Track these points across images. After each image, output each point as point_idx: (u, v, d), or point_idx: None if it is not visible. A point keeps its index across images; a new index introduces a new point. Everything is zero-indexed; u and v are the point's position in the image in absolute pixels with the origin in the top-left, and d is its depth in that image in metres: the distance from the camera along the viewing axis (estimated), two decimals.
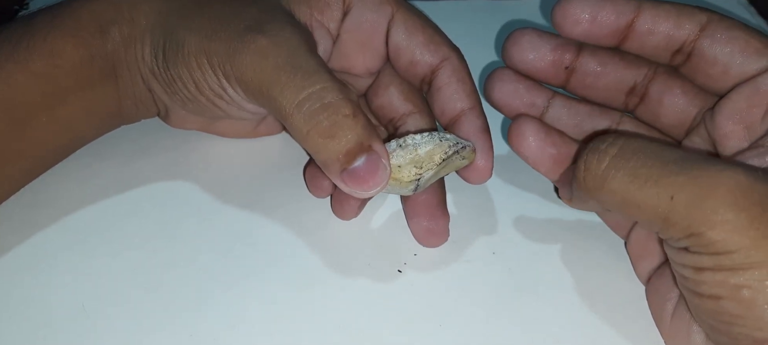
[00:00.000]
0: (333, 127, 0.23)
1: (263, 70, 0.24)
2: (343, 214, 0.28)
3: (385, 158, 0.24)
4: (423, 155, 0.25)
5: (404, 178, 0.25)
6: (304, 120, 0.23)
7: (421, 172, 0.25)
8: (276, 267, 0.26)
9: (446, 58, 0.28)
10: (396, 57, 0.28)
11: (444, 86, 0.28)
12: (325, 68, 0.24)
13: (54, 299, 0.25)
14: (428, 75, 0.28)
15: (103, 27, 0.26)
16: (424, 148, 0.25)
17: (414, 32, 0.28)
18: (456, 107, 0.28)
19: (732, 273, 0.19)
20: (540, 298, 0.26)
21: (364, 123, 0.24)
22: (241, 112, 0.28)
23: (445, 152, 0.25)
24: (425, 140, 0.25)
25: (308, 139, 0.24)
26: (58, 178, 0.29)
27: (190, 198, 0.29)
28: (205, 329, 0.24)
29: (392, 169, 0.24)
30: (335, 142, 0.23)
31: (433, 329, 0.25)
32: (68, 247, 0.27)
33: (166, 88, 0.28)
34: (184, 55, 0.26)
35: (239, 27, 0.25)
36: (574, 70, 0.27)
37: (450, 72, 0.28)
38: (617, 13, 0.25)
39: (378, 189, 0.24)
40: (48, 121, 0.26)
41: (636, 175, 0.20)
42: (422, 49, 0.28)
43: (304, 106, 0.23)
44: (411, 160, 0.25)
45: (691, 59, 0.25)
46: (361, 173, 0.23)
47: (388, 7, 0.28)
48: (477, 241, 0.28)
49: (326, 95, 0.23)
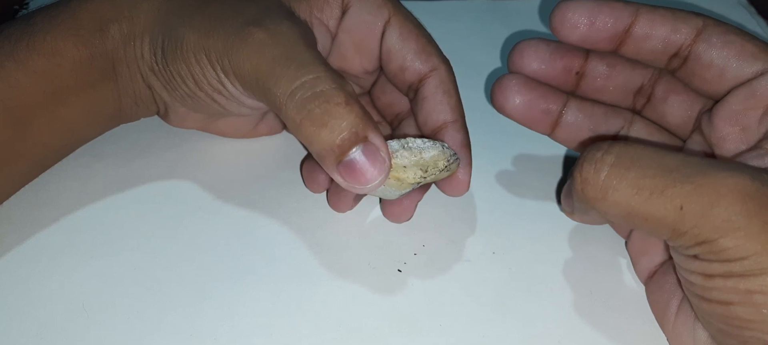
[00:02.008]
0: (324, 116, 0.23)
1: (260, 63, 0.24)
2: (338, 205, 0.28)
3: (383, 150, 0.23)
4: (428, 159, 0.25)
5: (408, 179, 0.25)
6: (297, 109, 0.23)
7: (425, 175, 0.25)
8: (276, 266, 0.26)
9: (435, 68, 0.28)
10: (387, 60, 0.28)
11: (429, 96, 0.28)
12: (320, 60, 0.24)
13: (54, 299, 0.25)
14: (415, 82, 0.28)
15: (102, 25, 0.27)
16: (429, 152, 0.25)
17: (407, 38, 0.28)
18: (439, 119, 0.28)
19: (743, 279, 0.19)
20: (540, 298, 0.26)
21: (358, 112, 0.23)
22: (241, 107, 0.28)
23: (447, 160, 0.25)
24: (428, 146, 0.25)
25: (301, 128, 0.23)
26: (58, 178, 0.29)
27: (190, 198, 0.29)
28: (205, 329, 0.24)
29: (397, 169, 0.24)
30: (327, 130, 0.23)
31: (433, 329, 0.25)
32: (68, 247, 0.27)
33: (165, 85, 0.28)
34: (183, 52, 0.26)
35: (237, 22, 0.25)
36: (584, 74, 0.28)
37: (437, 83, 0.28)
38: (615, 18, 0.25)
39: (377, 183, 0.23)
40: (48, 120, 0.26)
41: (640, 186, 0.20)
42: (413, 56, 0.28)
43: (297, 95, 0.23)
44: (416, 163, 0.25)
45: (687, 63, 0.25)
46: (357, 165, 0.23)
47: (385, 10, 0.28)
48: (477, 241, 0.28)
49: (319, 84, 0.23)
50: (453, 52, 0.29)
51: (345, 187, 0.23)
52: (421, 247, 0.28)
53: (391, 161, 0.24)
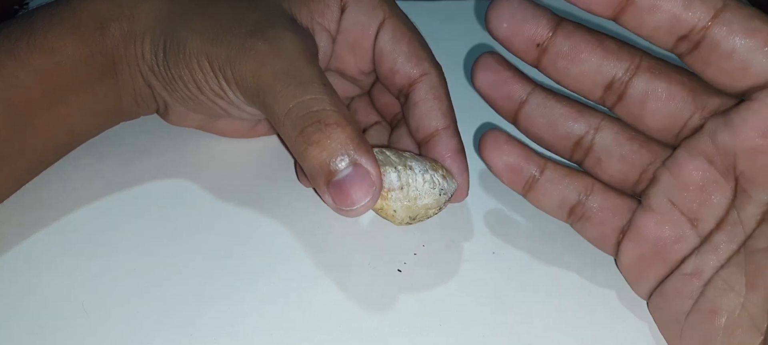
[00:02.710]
0: (317, 135, 0.23)
1: (261, 77, 0.24)
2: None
3: (375, 174, 0.23)
4: (420, 207, 0.26)
5: (395, 220, 0.26)
6: (292, 126, 0.24)
7: (413, 221, 0.26)
8: (276, 267, 0.26)
9: (426, 73, 0.28)
10: (379, 62, 0.28)
11: (420, 102, 0.28)
12: (320, 79, 0.24)
13: (54, 299, 0.25)
14: (406, 87, 0.28)
15: (103, 24, 0.27)
16: (423, 200, 0.25)
17: (400, 40, 0.28)
18: (431, 125, 0.28)
19: None
20: (540, 298, 0.26)
21: (350, 133, 0.23)
22: (241, 112, 0.28)
23: (439, 208, 0.26)
24: (426, 191, 0.25)
25: (295, 145, 0.24)
26: (58, 178, 0.29)
27: (190, 198, 0.29)
28: (205, 329, 0.24)
29: (388, 208, 0.25)
30: (318, 149, 0.23)
31: (433, 329, 0.25)
32: (68, 247, 0.27)
33: (166, 86, 0.28)
34: (186, 56, 0.26)
35: (241, 31, 0.25)
36: (546, 49, 0.24)
37: (427, 88, 0.28)
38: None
39: (363, 205, 0.23)
40: (49, 118, 0.26)
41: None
42: (404, 59, 0.28)
43: (293, 113, 0.24)
44: (407, 208, 0.25)
45: (700, 49, 0.21)
46: (346, 185, 0.23)
47: (380, 12, 0.28)
48: (477, 241, 0.28)
49: (314, 104, 0.24)
50: (450, 53, 0.29)
51: (334, 209, 0.24)
52: (421, 247, 0.28)
53: (382, 184, 0.24)
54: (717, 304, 0.22)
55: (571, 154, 0.27)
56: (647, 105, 0.24)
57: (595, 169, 0.26)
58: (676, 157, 0.24)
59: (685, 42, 0.21)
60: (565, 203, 0.27)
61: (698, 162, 0.23)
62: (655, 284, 0.25)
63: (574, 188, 0.26)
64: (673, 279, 0.24)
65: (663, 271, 0.24)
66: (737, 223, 0.22)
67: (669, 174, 0.24)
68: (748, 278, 0.22)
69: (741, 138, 0.21)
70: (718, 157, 0.22)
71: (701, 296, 0.23)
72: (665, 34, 0.21)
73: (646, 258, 0.25)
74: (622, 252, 0.25)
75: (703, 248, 0.23)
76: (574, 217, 0.27)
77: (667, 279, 0.24)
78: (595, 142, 0.26)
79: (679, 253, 0.24)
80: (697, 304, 0.23)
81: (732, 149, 0.22)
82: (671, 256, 0.24)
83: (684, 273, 0.24)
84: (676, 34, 0.21)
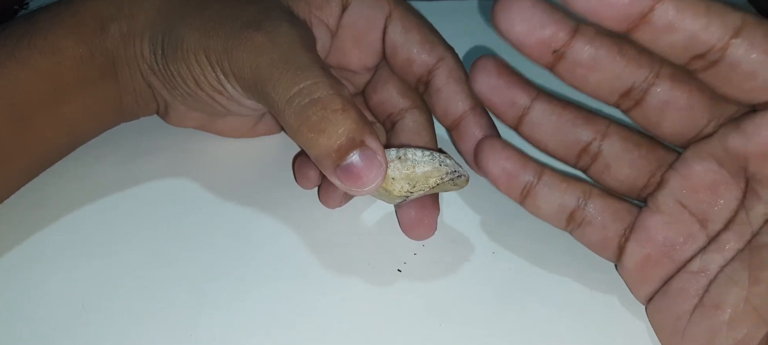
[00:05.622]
0: (322, 122, 0.23)
1: (258, 67, 0.24)
2: (329, 202, 0.29)
3: (380, 155, 0.23)
4: (419, 174, 0.25)
5: (394, 191, 0.25)
6: (294, 115, 0.23)
7: (412, 190, 0.25)
8: (276, 266, 0.26)
9: (442, 57, 0.28)
10: (392, 54, 0.28)
11: (443, 87, 0.28)
12: (318, 64, 0.24)
13: (54, 299, 0.25)
14: (424, 75, 0.28)
15: (103, 24, 0.27)
16: (421, 167, 0.25)
17: (410, 30, 0.28)
18: (458, 109, 0.28)
19: None
20: (540, 298, 0.26)
21: (355, 118, 0.23)
22: (241, 107, 0.28)
23: (440, 177, 0.25)
24: (425, 159, 0.25)
25: (299, 134, 0.23)
26: (58, 178, 0.29)
27: (190, 198, 0.29)
28: (205, 329, 0.24)
29: (386, 179, 0.24)
30: (325, 136, 0.23)
31: (433, 329, 0.25)
32: (68, 247, 0.27)
33: (165, 84, 0.28)
34: (183, 52, 0.26)
35: (237, 24, 0.25)
36: (563, 56, 0.23)
37: (447, 73, 0.28)
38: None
39: (374, 185, 0.23)
40: (49, 118, 0.26)
41: None
42: (418, 48, 0.28)
43: (295, 101, 0.23)
44: (406, 176, 0.25)
45: (717, 67, 0.21)
46: (355, 169, 0.23)
47: (386, 5, 0.28)
48: (477, 241, 0.28)
49: (316, 90, 0.23)
50: None
51: (344, 190, 0.24)
52: (421, 247, 0.28)
53: (387, 163, 0.24)
54: (721, 299, 0.22)
55: (576, 160, 0.26)
56: (667, 113, 0.23)
57: (603, 175, 0.26)
58: (686, 160, 0.24)
59: (700, 60, 0.21)
60: (563, 208, 0.26)
61: (709, 164, 0.23)
62: (658, 285, 0.25)
63: (573, 193, 0.26)
64: (678, 278, 0.24)
65: (669, 270, 0.24)
66: (745, 222, 0.22)
67: (678, 176, 0.24)
68: (752, 272, 0.22)
69: (754, 142, 0.21)
70: (728, 160, 0.22)
71: (705, 293, 0.23)
72: (681, 51, 0.21)
73: (653, 258, 0.25)
74: (627, 254, 0.25)
75: (710, 247, 0.23)
76: (574, 224, 0.26)
77: (672, 279, 0.24)
78: (603, 149, 0.26)
79: (687, 252, 0.24)
80: (701, 300, 0.23)
81: (743, 153, 0.22)
82: (679, 255, 0.24)
83: (690, 271, 0.24)
84: (693, 53, 0.21)
